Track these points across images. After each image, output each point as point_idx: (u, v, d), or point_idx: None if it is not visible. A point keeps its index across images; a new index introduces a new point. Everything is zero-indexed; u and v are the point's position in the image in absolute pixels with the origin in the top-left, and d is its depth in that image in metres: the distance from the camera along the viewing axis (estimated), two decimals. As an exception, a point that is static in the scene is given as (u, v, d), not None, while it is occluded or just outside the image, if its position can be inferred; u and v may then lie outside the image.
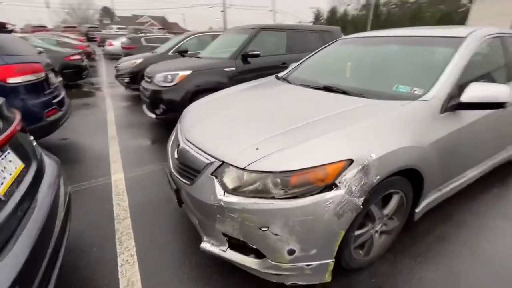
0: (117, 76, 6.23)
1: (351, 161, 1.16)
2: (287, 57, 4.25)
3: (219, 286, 1.46)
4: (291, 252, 1.17)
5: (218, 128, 1.57)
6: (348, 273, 1.47)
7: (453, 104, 1.53)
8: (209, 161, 1.34)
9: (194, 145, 1.50)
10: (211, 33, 6.75)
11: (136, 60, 5.81)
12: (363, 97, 1.65)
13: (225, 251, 1.35)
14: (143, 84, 4.06)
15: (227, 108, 1.86)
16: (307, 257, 1.19)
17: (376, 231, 1.47)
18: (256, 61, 3.91)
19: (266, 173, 1.16)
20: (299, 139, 1.26)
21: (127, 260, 1.62)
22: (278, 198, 1.14)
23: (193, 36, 6.34)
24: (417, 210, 1.62)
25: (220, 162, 1.29)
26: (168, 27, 41.01)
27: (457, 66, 1.62)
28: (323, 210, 1.12)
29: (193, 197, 1.37)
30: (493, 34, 1.94)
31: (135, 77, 5.75)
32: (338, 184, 1.14)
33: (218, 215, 1.24)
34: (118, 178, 2.61)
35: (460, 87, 1.56)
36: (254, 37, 3.93)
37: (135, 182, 2.53)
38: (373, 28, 33.31)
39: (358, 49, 2.46)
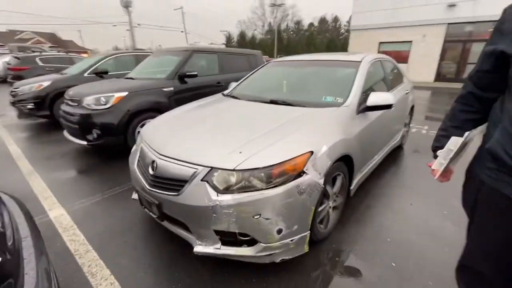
0: (14, 103, 5.22)
1: (311, 153, 1.55)
2: (220, 77, 4.61)
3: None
4: (279, 231, 1.45)
5: (195, 141, 1.73)
6: (316, 245, 1.84)
7: (363, 108, 2.16)
8: (196, 170, 1.49)
9: (174, 158, 1.61)
10: (132, 53, 6.49)
11: (42, 82, 5.04)
12: (304, 106, 2.13)
13: (219, 248, 1.51)
14: (65, 108, 3.63)
15: (195, 123, 2.02)
16: (291, 233, 1.49)
17: (330, 207, 1.91)
18: (193, 80, 4.09)
19: (253, 170, 1.42)
20: (271, 141, 1.58)
21: (108, 289, 1.54)
22: (265, 189, 1.41)
23: (112, 57, 5.96)
24: (351, 187, 2.15)
25: (209, 168, 1.47)
26: (62, 45, 35.64)
27: (360, 81, 2.30)
28: (299, 192, 1.46)
29: (182, 205, 1.48)
30: (376, 58, 2.81)
31: (42, 102, 4.99)
32: (306, 171, 1.50)
33: (214, 215, 1.41)
34: (58, 214, 2.30)
35: (364, 95, 2.23)
36: (188, 59, 4.12)
37: (82, 215, 2.29)
38: (279, 50, 37.80)
39: (288, 70, 3.03)
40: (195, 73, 3.96)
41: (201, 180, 1.46)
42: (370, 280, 1.60)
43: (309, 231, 1.59)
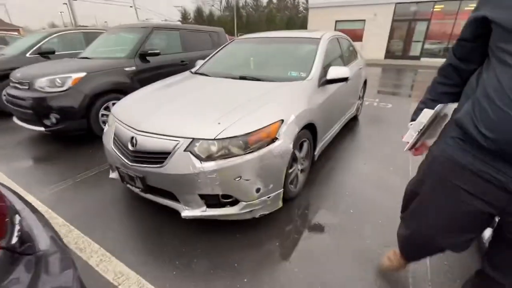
0: None
1: (282, 121, 1.76)
2: (184, 55, 4.52)
3: (206, 245, 1.76)
4: (258, 190, 1.66)
5: (174, 115, 1.81)
6: (288, 202, 2.11)
7: (323, 81, 2.41)
8: (178, 142, 1.61)
9: (154, 133, 1.69)
10: (80, 30, 5.91)
11: (-27, 65, 4.41)
12: (272, 81, 2.30)
13: (205, 211, 1.69)
14: (11, 92, 3.31)
15: (170, 99, 2.07)
16: (268, 191, 1.72)
17: (299, 170, 2.17)
18: (155, 59, 3.97)
19: (231, 138, 1.58)
20: (246, 112, 1.74)
21: (101, 260, 1.63)
22: (244, 154, 1.59)
23: (56, 34, 5.37)
24: (315, 153, 2.45)
25: (190, 139, 1.59)
26: (-17, 21, 30.13)
27: (320, 57, 2.53)
28: (273, 155, 1.67)
29: (168, 175, 1.60)
30: (333, 35, 3.06)
31: (-23, 87, 4.40)
32: (277, 137, 1.71)
33: (199, 180, 1.56)
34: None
35: (324, 70, 2.47)
36: (148, 36, 3.95)
37: (55, 200, 2.25)
38: (239, 28, 36.78)
39: (254, 47, 3.14)
40: (158, 51, 3.84)
41: (184, 150, 1.59)
42: (333, 223, 1.93)
43: (283, 189, 1.84)
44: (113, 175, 2.07)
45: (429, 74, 10.32)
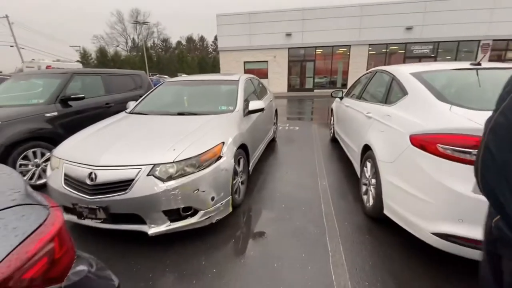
0: None
1: (223, 143, 2.29)
2: (107, 97, 4.57)
3: (174, 256, 2.00)
4: (212, 198, 2.09)
5: (130, 148, 2.09)
6: (235, 209, 2.57)
7: (246, 112, 3.11)
8: (140, 169, 1.91)
9: (115, 165, 1.93)
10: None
11: None
12: (207, 114, 2.84)
13: (170, 225, 1.98)
14: None
15: (119, 136, 2.31)
16: (220, 198, 2.16)
17: (240, 182, 2.70)
18: (78, 103, 3.93)
19: (186, 160, 2.00)
20: (194, 139, 2.20)
21: None
22: (198, 171, 2.02)
23: None
24: (249, 168, 3.05)
25: (151, 165, 1.92)
26: None
27: (241, 93, 3.26)
28: (221, 169, 2.16)
29: (134, 198, 1.86)
30: (247, 77, 3.91)
31: None
32: (222, 155, 2.22)
33: (163, 198, 1.89)
34: None
35: (246, 103, 3.20)
36: (69, 81, 3.92)
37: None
38: (151, 68, 36.37)
39: (183, 88, 3.66)
40: (82, 95, 3.85)
41: (147, 175, 1.90)
42: (272, 217, 2.50)
43: (231, 196, 2.31)
44: (66, 217, 2.09)
45: (321, 102, 12.97)
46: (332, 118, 5.17)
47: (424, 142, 1.62)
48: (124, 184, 1.89)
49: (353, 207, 2.66)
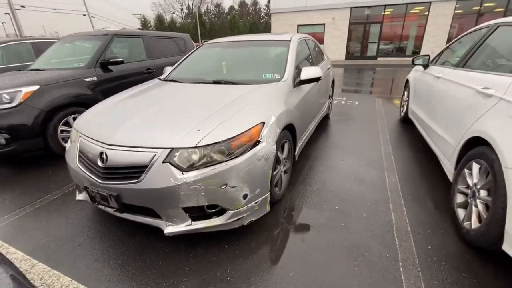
0: None
1: (263, 123, 1.72)
2: (149, 62, 4.31)
3: (194, 261, 1.64)
4: (245, 196, 1.60)
5: (148, 125, 1.68)
6: (274, 205, 2.07)
7: (297, 82, 2.43)
8: (155, 153, 1.49)
9: (126, 146, 1.55)
10: (28, 40, 5.37)
11: None
12: (247, 84, 2.26)
13: (191, 225, 1.58)
14: None
15: (140, 109, 1.92)
16: (255, 196, 1.66)
17: (282, 171, 2.15)
18: (119, 68, 3.73)
19: (213, 145, 1.50)
20: (226, 116, 1.68)
21: None
22: (228, 160, 1.52)
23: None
24: (296, 153, 2.45)
25: (169, 150, 1.48)
26: None
27: (292, 58, 2.56)
28: (258, 158, 1.62)
29: (146, 190, 1.47)
30: (301, 37, 3.12)
31: None
32: (260, 140, 1.67)
33: (182, 192, 1.46)
34: None
35: (297, 70, 2.50)
36: (109, 44, 3.70)
37: (11, 231, 1.97)
38: (203, 34, 36.47)
39: (224, 51, 3.08)
40: (121, 59, 3.61)
41: (163, 162, 1.47)
42: (321, 222, 1.93)
43: (269, 192, 1.79)
44: (81, 196, 1.87)
45: (386, 72, 11.12)
46: (406, 92, 4.08)
47: None
48: (137, 171, 1.51)
49: (437, 221, 1.91)
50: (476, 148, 1.68)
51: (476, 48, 2.26)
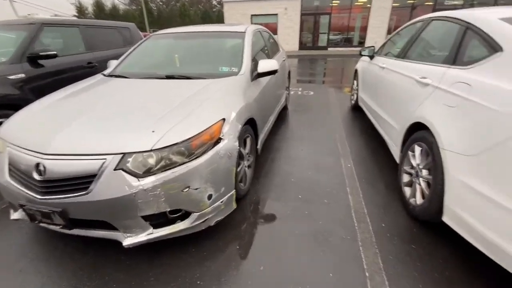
0: None
1: (224, 120, 1.66)
2: (90, 55, 3.86)
3: (160, 270, 1.54)
4: (210, 196, 1.54)
5: (93, 128, 1.49)
6: (240, 201, 2.06)
7: (255, 75, 2.40)
8: (104, 160, 1.33)
9: (69, 154, 1.36)
10: None
11: None
12: (203, 78, 2.16)
13: (152, 233, 1.47)
14: None
15: (83, 110, 1.69)
16: (220, 195, 1.62)
17: (246, 166, 2.13)
18: (52, 63, 3.25)
19: (171, 146, 1.40)
20: (183, 115, 1.58)
21: None
22: (188, 162, 1.44)
23: None
24: (258, 146, 2.45)
25: (121, 155, 1.34)
26: None
27: (248, 50, 2.51)
28: (220, 156, 1.57)
29: (97, 202, 1.32)
30: (256, 28, 3.08)
31: None
32: (222, 137, 1.62)
33: (140, 201, 1.34)
34: None
35: (254, 62, 2.47)
36: (37, 34, 3.19)
37: None
38: (151, 23, 33.96)
39: (175, 43, 2.89)
40: (54, 52, 3.15)
41: (114, 169, 1.33)
42: (287, 213, 1.98)
43: (235, 189, 1.76)
44: (16, 215, 1.60)
45: (336, 62, 11.76)
46: (355, 81, 4.37)
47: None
48: (85, 181, 1.34)
49: (388, 200, 2.10)
50: (418, 132, 1.87)
51: (413, 40, 2.49)
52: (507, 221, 1.12)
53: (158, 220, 1.48)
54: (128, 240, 1.44)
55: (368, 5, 15.71)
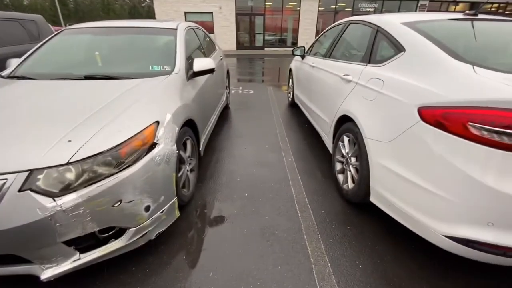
0: None
1: (157, 123, 1.54)
2: (-20, 52, 3.12)
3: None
4: (147, 208, 1.41)
5: (-15, 143, 1.19)
6: (184, 207, 1.95)
7: (191, 74, 2.30)
8: (4, 180, 1.08)
9: (-51, 178, 1.06)
10: None
11: None
12: (132, 78, 1.96)
13: (79, 259, 1.27)
14: None
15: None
16: (160, 205, 1.49)
17: (188, 170, 2.03)
18: None
19: (95, 157, 1.23)
20: (107, 120, 1.39)
21: None
22: (118, 172, 1.28)
23: None
24: (200, 149, 2.37)
25: (27, 172, 1.11)
26: None
27: (181, 48, 2.38)
28: (156, 163, 1.45)
29: (0, 233, 1.07)
30: (189, 26, 2.95)
31: None
32: (157, 142, 1.49)
33: (58, 224, 1.13)
34: None
35: (189, 61, 2.36)
36: None
37: None
38: (66, 17, 29.58)
39: (95, 38, 2.55)
40: None
41: (19, 191, 1.09)
42: (233, 212, 1.96)
43: (176, 197, 1.65)
44: None
45: (273, 61, 12.28)
46: (290, 80, 4.61)
47: (444, 119, 1.18)
48: (-25, 210, 1.06)
49: (326, 188, 2.28)
50: (345, 124, 2.07)
51: (336, 41, 2.75)
52: (418, 195, 1.33)
53: (85, 243, 1.28)
54: (48, 272, 1.20)
55: (298, 8, 16.82)
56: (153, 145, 1.46)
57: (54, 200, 1.12)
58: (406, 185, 1.39)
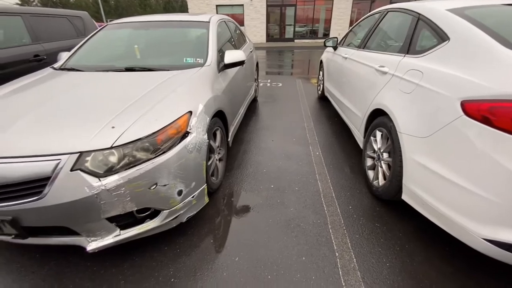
0: None
1: (190, 113, 1.61)
2: (37, 47, 3.47)
3: (130, 271, 1.47)
4: (180, 192, 1.50)
5: (42, 126, 1.35)
6: (212, 195, 2.04)
7: (222, 66, 2.35)
8: (58, 160, 1.22)
9: (16, 156, 1.22)
10: None
11: None
12: (167, 70, 2.06)
13: (119, 235, 1.40)
14: None
15: (31, 106, 1.52)
16: (191, 191, 1.58)
17: (217, 160, 2.10)
18: (-11, 56, 2.88)
19: (135, 142, 1.33)
20: (146, 108, 1.50)
21: None
22: (154, 157, 1.38)
23: None
24: (229, 139, 2.43)
25: (77, 154, 1.24)
26: None
27: (213, 41, 2.44)
28: (189, 151, 1.53)
29: (54, 206, 1.21)
30: (221, 18, 3.00)
31: None
32: (189, 131, 1.57)
33: (103, 202, 1.26)
34: None
35: (220, 53, 2.41)
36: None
37: None
38: (108, 13, 31.52)
39: (135, 33, 2.71)
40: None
41: (71, 170, 1.22)
42: (259, 202, 2.00)
43: (206, 184, 1.73)
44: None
45: (303, 54, 11.99)
46: (321, 72, 4.49)
47: (491, 113, 1.08)
48: (37, 185, 1.22)
49: (354, 183, 2.22)
50: (378, 118, 1.99)
51: (372, 31, 2.61)
52: (456, 195, 1.25)
53: (125, 221, 1.41)
54: (93, 245, 1.35)
55: (331, -3, 16.14)
56: (186, 134, 1.54)
57: (100, 180, 1.25)
58: (443, 183, 1.31)
